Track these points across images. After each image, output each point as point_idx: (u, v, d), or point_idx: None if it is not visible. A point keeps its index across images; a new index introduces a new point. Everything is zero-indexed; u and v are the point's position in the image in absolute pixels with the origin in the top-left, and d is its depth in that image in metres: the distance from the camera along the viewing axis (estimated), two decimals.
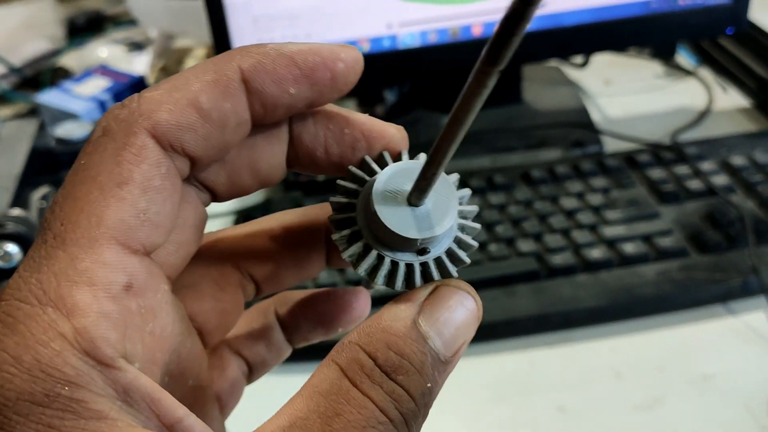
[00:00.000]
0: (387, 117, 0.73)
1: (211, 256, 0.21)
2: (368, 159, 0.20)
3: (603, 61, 0.81)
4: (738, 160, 0.60)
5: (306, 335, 0.24)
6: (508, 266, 0.52)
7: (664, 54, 0.79)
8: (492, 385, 0.47)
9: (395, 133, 0.20)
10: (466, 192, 0.21)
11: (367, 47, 0.65)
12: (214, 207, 0.69)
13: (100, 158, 0.15)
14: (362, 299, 0.24)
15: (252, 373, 0.24)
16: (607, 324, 0.50)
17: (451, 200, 0.19)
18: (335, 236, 0.19)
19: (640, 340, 0.49)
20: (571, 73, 0.80)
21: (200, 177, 0.19)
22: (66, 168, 0.60)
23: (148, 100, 0.16)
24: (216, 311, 0.21)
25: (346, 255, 0.19)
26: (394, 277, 0.19)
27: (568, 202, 0.57)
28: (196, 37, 0.82)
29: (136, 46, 0.83)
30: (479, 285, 0.51)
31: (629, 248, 0.52)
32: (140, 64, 0.83)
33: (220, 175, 0.19)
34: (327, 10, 0.63)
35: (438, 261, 0.19)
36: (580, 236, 0.54)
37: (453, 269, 0.19)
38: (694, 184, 0.58)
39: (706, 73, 0.78)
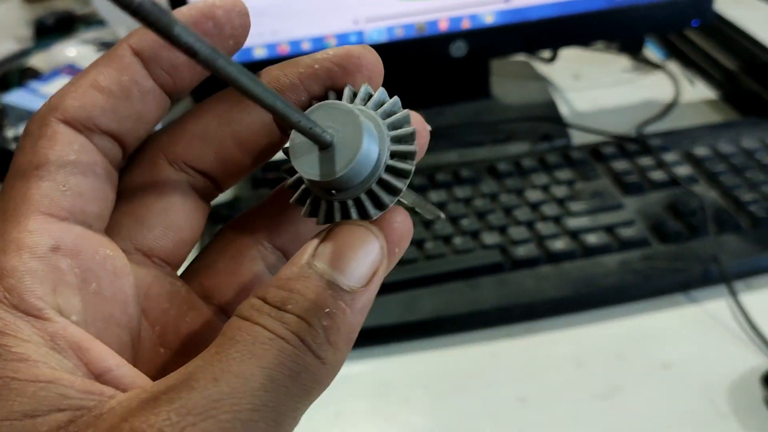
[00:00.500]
0: None
1: (227, 235, 0.22)
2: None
3: (573, 56, 0.82)
4: (701, 151, 0.60)
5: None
6: (472, 259, 0.52)
7: (632, 48, 0.80)
8: (454, 376, 0.47)
9: (368, 57, 0.19)
10: (392, 107, 0.20)
11: (333, 43, 0.65)
12: None
13: (22, 154, 0.17)
14: None
15: None
16: (569, 314, 0.51)
17: (359, 133, 0.18)
18: (291, 200, 0.20)
19: (601, 330, 0.50)
20: (541, 68, 0.80)
21: (188, 162, 0.20)
22: None
23: (56, 95, 0.18)
24: (233, 286, 0.21)
25: (302, 213, 0.19)
26: (329, 216, 0.19)
27: (534, 195, 0.57)
28: None
29: (106, 46, 0.83)
30: (444, 278, 0.51)
31: (592, 239, 0.53)
32: None
33: (207, 155, 0.20)
34: (292, 8, 0.63)
35: (357, 200, 0.19)
36: (544, 228, 0.54)
37: (371, 208, 0.19)
38: (658, 175, 0.58)
39: (674, 66, 0.79)
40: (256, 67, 0.20)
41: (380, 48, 0.65)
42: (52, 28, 0.96)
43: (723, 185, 0.57)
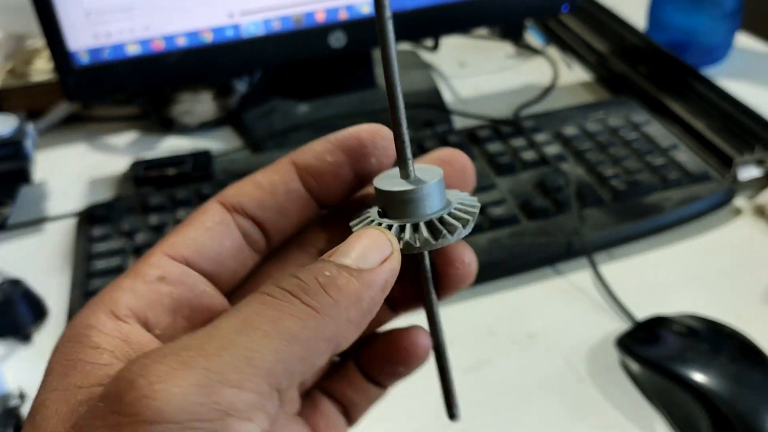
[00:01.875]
0: (240, 108, 0.73)
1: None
2: None
3: (458, 44, 0.83)
4: (570, 130, 0.63)
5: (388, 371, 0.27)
6: None
7: (513, 35, 0.82)
8: None
9: (466, 161, 0.25)
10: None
11: (210, 37, 0.65)
12: (57, 208, 0.66)
13: (188, 216, 0.23)
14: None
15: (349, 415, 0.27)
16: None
17: (437, 176, 0.22)
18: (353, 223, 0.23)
19: (472, 306, 0.51)
20: (427, 56, 0.81)
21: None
22: None
23: (228, 187, 0.24)
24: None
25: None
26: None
27: None
28: None
29: None
30: None
31: None
32: None
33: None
34: (163, 1, 0.62)
35: (415, 226, 0.22)
36: None
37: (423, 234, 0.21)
38: (529, 155, 0.60)
39: (553, 51, 0.82)
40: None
41: (258, 41, 0.65)
42: None
43: (588, 162, 0.59)
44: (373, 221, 0.22)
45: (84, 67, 0.63)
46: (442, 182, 0.22)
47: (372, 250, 0.21)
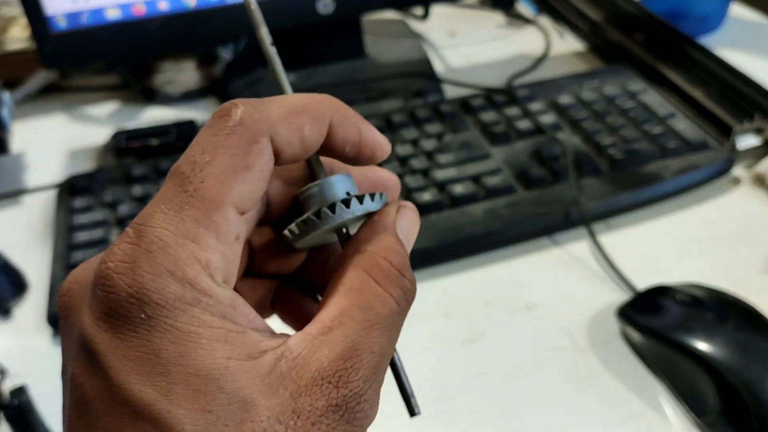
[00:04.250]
0: (225, 77, 0.71)
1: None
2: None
3: (448, 14, 0.81)
4: (565, 99, 0.61)
5: None
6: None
7: (504, 4, 0.80)
8: None
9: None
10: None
11: (193, 2, 0.62)
12: (36, 179, 0.64)
13: (237, 141, 0.20)
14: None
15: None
16: (437, 265, 0.51)
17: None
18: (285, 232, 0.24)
19: (468, 278, 0.50)
20: (417, 26, 0.79)
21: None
22: None
23: (272, 114, 0.21)
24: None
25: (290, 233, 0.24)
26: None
27: (402, 150, 0.57)
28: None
29: None
30: None
31: (458, 189, 0.53)
32: None
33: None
34: None
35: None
36: (412, 181, 0.54)
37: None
38: (524, 124, 0.59)
39: (545, 21, 0.80)
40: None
41: (243, 5, 0.63)
42: None
43: (585, 131, 0.58)
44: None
45: (62, 33, 0.60)
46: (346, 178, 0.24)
47: (411, 231, 0.24)
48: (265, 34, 0.24)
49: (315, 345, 0.20)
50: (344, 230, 0.24)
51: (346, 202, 0.22)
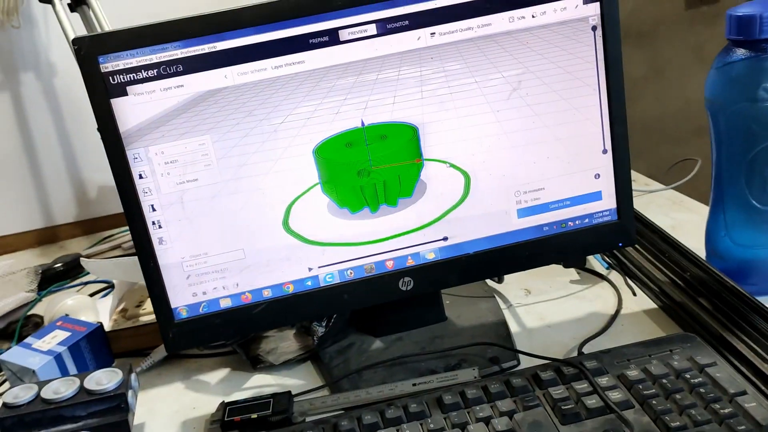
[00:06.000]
0: (319, 345, 0.79)
1: None
2: None
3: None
4: (634, 373, 0.64)
5: None
6: None
7: (575, 264, 0.86)
8: None
9: None
10: None
11: (291, 288, 0.73)
12: None
13: None
14: None
15: None
16: None
17: None
18: None
19: None
20: (494, 284, 0.86)
21: None
22: None
23: None
24: None
25: None
26: None
27: (476, 430, 0.60)
28: None
29: (99, 293, 0.91)
30: None
31: None
32: (104, 310, 0.90)
33: None
34: (251, 262, 0.71)
35: None
36: None
37: None
38: (593, 402, 0.61)
39: (617, 276, 0.84)
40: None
41: (334, 289, 0.72)
42: (61, 274, 1.06)
43: (654, 410, 0.59)
44: None
45: (183, 321, 0.71)
46: None
47: None
48: None
49: None
50: None
51: None
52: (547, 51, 0.72)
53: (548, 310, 0.81)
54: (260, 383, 0.78)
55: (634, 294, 0.81)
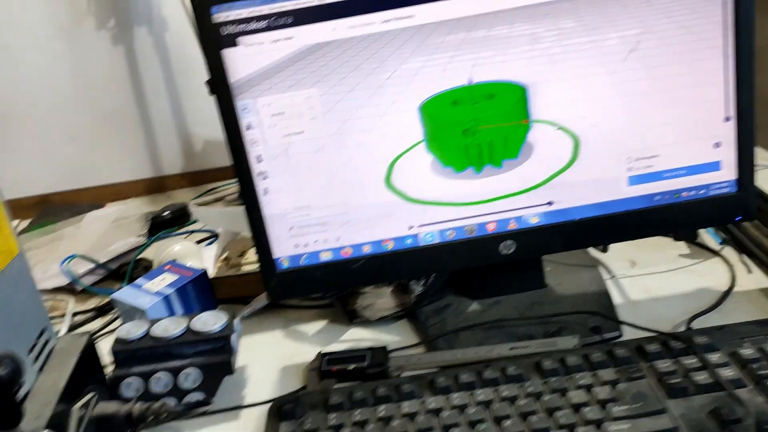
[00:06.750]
0: (416, 304, 0.79)
1: None
2: None
3: (629, 242, 0.84)
4: (748, 351, 0.60)
5: None
6: None
7: (686, 237, 0.82)
8: None
9: None
10: None
11: (391, 245, 0.73)
12: (252, 394, 0.72)
13: None
14: None
15: None
16: None
17: None
18: None
19: None
20: (596, 253, 0.83)
21: None
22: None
23: None
24: None
25: None
26: None
27: (576, 397, 0.59)
28: None
29: (205, 241, 0.94)
30: None
31: None
32: (209, 258, 0.94)
33: None
34: (353, 217, 0.72)
35: None
36: None
37: None
38: (702, 378, 0.59)
39: (731, 252, 0.80)
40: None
41: (433, 248, 0.72)
42: (169, 222, 1.11)
43: None
44: None
45: (284, 271, 0.73)
46: None
47: None
48: None
49: None
50: None
51: None
52: (671, 9, 0.67)
53: (655, 283, 0.78)
54: (356, 337, 0.79)
55: (750, 271, 0.76)
